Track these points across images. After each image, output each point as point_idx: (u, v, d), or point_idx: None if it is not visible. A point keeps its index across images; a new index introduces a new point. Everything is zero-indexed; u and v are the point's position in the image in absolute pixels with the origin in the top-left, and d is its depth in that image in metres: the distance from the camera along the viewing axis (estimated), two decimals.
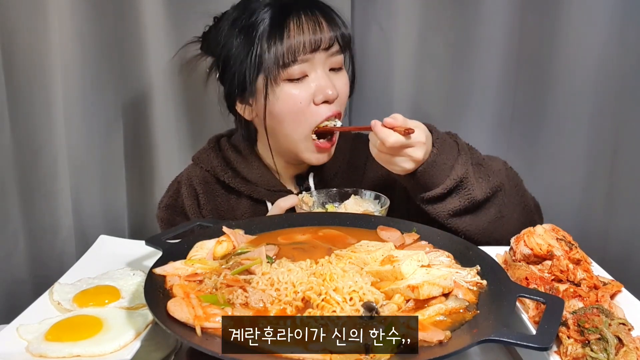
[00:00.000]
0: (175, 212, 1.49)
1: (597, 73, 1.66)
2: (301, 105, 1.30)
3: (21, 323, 0.90)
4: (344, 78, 1.36)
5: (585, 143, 1.73)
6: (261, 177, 1.43)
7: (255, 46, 1.27)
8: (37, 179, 1.71)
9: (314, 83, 1.30)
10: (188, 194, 1.46)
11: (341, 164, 1.46)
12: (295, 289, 0.86)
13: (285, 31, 1.26)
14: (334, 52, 1.31)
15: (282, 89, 1.29)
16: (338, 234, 1.12)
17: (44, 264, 1.76)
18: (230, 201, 1.45)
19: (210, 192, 1.46)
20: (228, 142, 1.48)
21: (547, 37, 1.68)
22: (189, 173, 1.49)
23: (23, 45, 1.61)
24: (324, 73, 1.31)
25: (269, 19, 1.28)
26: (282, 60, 1.26)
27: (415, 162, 1.20)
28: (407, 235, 1.10)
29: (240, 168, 1.43)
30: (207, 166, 1.45)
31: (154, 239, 1.04)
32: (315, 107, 1.31)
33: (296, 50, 1.26)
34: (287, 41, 1.26)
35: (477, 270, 0.96)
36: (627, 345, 0.81)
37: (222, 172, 1.44)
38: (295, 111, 1.30)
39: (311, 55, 1.28)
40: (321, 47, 1.28)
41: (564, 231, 1.10)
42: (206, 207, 1.45)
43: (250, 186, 1.43)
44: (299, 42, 1.26)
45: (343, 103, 1.36)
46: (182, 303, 0.82)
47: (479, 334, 0.78)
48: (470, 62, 1.73)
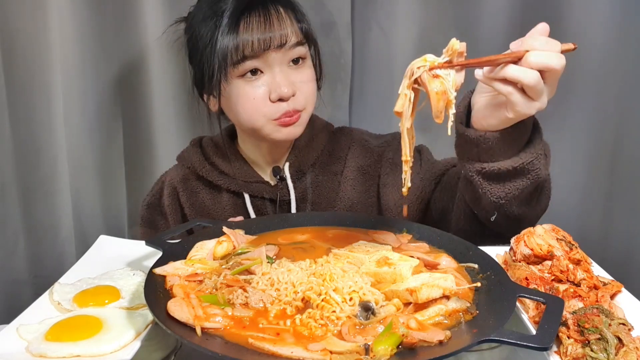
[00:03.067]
0: (156, 212, 1.50)
1: (597, 73, 1.66)
2: (255, 102, 1.29)
3: (21, 323, 0.90)
4: (304, 75, 1.33)
5: (585, 143, 1.73)
6: (238, 169, 1.43)
7: (211, 42, 1.26)
8: (37, 179, 1.71)
9: (268, 81, 1.28)
10: (168, 194, 1.47)
11: (320, 155, 1.45)
12: (295, 289, 0.86)
13: (235, 29, 1.24)
14: (290, 46, 1.28)
15: (235, 85, 1.29)
16: (346, 233, 1.12)
17: (44, 264, 1.76)
18: (210, 196, 1.46)
19: (190, 189, 1.47)
20: (210, 140, 1.49)
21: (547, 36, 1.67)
22: (172, 173, 1.51)
23: (23, 45, 1.61)
24: (281, 70, 1.28)
25: (226, 13, 1.25)
26: (231, 58, 1.25)
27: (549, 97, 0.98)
28: (399, 236, 1.10)
29: (218, 162, 1.44)
30: (187, 163, 1.47)
31: (154, 239, 1.04)
32: (271, 104, 1.29)
33: (244, 48, 1.24)
34: (236, 39, 1.24)
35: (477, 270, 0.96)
36: (627, 345, 0.81)
37: (201, 166, 1.44)
38: (249, 107, 1.30)
39: (263, 53, 1.25)
40: (272, 46, 1.25)
41: (564, 231, 1.10)
42: (187, 204, 1.46)
43: (228, 179, 1.43)
44: (247, 41, 1.24)
45: (306, 98, 1.33)
46: (182, 303, 0.82)
47: (478, 334, 0.78)
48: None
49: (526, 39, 0.95)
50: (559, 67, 0.93)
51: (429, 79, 0.89)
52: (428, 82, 0.89)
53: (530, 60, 0.92)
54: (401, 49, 1.70)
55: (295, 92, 1.29)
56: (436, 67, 0.90)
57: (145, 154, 1.77)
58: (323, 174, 1.44)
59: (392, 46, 1.70)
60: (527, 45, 0.93)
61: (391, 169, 1.44)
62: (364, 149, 1.48)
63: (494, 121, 1.03)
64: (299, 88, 1.30)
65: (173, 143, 1.76)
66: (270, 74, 1.28)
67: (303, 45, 1.32)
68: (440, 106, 0.89)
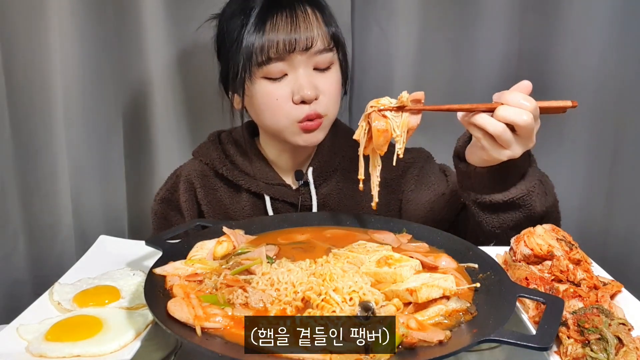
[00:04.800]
0: (170, 207, 1.47)
1: (597, 73, 1.66)
2: (278, 102, 1.28)
3: (21, 323, 0.90)
4: (329, 79, 1.32)
5: (585, 143, 1.73)
6: (260, 170, 1.42)
7: (237, 40, 1.26)
8: (37, 179, 1.71)
9: (292, 82, 1.27)
10: (185, 189, 1.44)
11: (341, 160, 1.44)
12: (295, 289, 0.86)
13: (262, 29, 1.24)
14: (316, 51, 1.27)
15: (260, 85, 1.28)
16: (346, 233, 1.12)
17: (44, 264, 1.76)
18: (229, 195, 1.44)
19: (208, 186, 1.44)
20: (229, 136, 1.47)
21: (547, 37, 1.68)
22: (188, 168, 1.47)
23: (23, 45, 1.60)
24: (305, 73, 1.27)
25: (254, 12, 1.25)
26: (256, 59, 1.24)
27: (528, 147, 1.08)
28: (399, 236, 1.10)
29: (239, 161, 1.42)
30: (206, 159, 1.44)
31: (154, 239, 1.04)
32: (294, 106, 1.28)
33: (269, 49, 1.23)
34: (261, 40, 1.23)
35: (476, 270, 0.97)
36: (627, 345, 0.81)
37: (221, 164, 1.42)
38: (272, 108, 1.29)
39: (288, 55, 1.25)
40: (297, 49, 1.25)
41: (564, 231, 1.10)
42: (204, 200, 1.44)
43: (249, 179, 1.41)
44: (272, 42, 1.23)
45: (327, 102, 1.31)
46: (182, 303, 0.82)
47: (478, 334, 0.78)
48: (470, 62, 1.73)
49: (505, 93, 1.04)
50: (522, 124, 1.02)
51: (376, 117, 1.05)
52: (374, 120, 1.05)
53: (497, 113, 1.03)
54: (401, 49, 1.70)
55: (318, 95, 1.28)
56: (384, 109, 1.05)
57: (145, 154, 1.77)
58: (345, 181, 1.42)
59: (392, 46, 1.70)
60: (503, 98, 1.04)
61: (416, 186, 1.44)
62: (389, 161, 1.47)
63: (476, 159, 1.13)
64: (322, 92, 1.29)
65: (173, 143, 1.76)
66: (294, 76, 1.27)
67: (330, 51, 1.31)
68: (380, 141, 1.06)
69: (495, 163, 1.10)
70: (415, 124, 1.06)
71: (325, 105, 1.31)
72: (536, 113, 1.05)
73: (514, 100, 1.03)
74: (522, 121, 1.02)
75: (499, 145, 1.06)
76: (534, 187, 1.15)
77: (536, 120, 1.06)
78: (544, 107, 1.06)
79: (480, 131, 1.06)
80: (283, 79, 1.28)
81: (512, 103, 1.03)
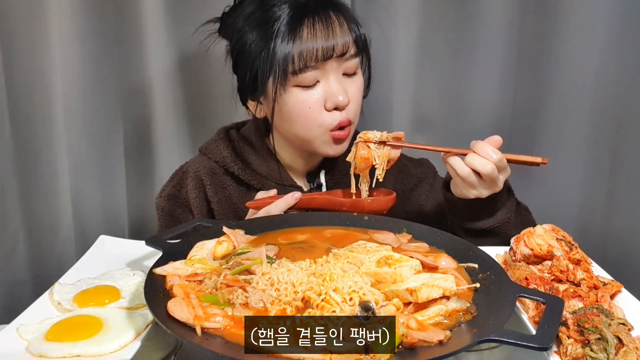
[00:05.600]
0: (177, 204, 1.44)
1: (597, 73, 1.66)
2: (311, 111, 1.27)
3: (21, 323, 0.90)
4: (357, 82, 1.32)
5: (585, 143, 1.73)
6: (272, 171, 1.40)
7: (268, 48, 1.23)
8: (37, 179, 1.71)
9: (324, 89, 1.26)
10: (194, 186, 1.42)
11: None
12: (295, 289, 0.86)
13: (297, 37, 1.22)
14: (347, 57, 1.27)
15: (292, 94, 1.26)
16: (346, 233, 1.12)
17: (44, 264, 1.76)
18: (239, 193, 1.42)
19: (218, 184, 1.42)
20: (238, 134, 1.45)
21: (547, 37, 1.68)
22: (195, 164, 1.44)
23: (23, 45, 1.61)
24: (336, 79, 1.27)
25: (283, 21, 1.23)
26: (293, 67, 1.23)
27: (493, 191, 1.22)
28: (399, 236, 1.11)
29: (250, 160, 1.41)
30: (215, 157, 1.42)
31: (154, 239, 1.04)
32: (327, 113, 1.28)
33: (308, 58, 1.22)
34: (299, 48, 1.22)
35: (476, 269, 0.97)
36: (627, 345, 0.82)
37: (232, 163, 1.40)
38: (305, 116, 1.28)
39: (323, 63, 1.24)
40: (334, 55, 1.24)
41: (564, 231, 1.11)
42: (214, 198, 1.41)
43: (261, 179, 1.40)
44: (311, 50, 1.22)
45: (356, 108, 1.32)
46: (182, 303, 0.82)
47: (478, 334, 0.78)
48: (471, 62, 1.73)
49: (477, 143, 1.20)
50: (485, 172, 1.17)
51: (362, 145, 1.24)
52: (360, 148, 1.25)
53: (466, 159, 1.20)
54: (401, 49, 1.70)
55: (349, 100, 1.28)
56: (368, 141, 1.24)
57: (145, 154, 1.77)
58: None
59: (392, 46, 1.70)
60: (474, 147, 1.20)
61: (426, 201, 1.48)
62: (401, 173, 1.48)
63: (455, 191, 1.27)
64: (351, 97, 1.29)
65: (173, 143, 1.76)
66: (326, 82, 1.26)
67: (358, 56, 1.30)
68: (361, 165, 1.25)
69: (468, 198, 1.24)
70: (395, 157, 1.25)
71: (353, 111, 1.31)
72: (501, 164, 1.18)
73: (482, 151, 1.18)
74: (485, 170, 1.17)
75: (466, 185, 1.21)
76: (509, 218, 1.29)
77: (503, 171, 1.20)
78: (513, 160, 1.21)
79: (453, 170, 1.21)
80: (315, 86, 1.26)
81: (481, 153, 1.18)
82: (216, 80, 1.67)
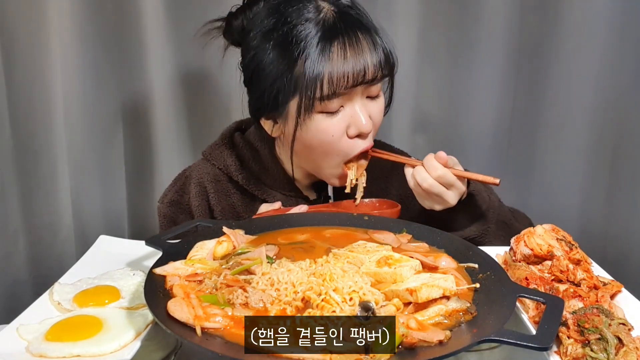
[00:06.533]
0: (179, 210, 1.40)
1: (597, 73, 1.66)
2: (333, 139, 1.20)
3: (21, 323, 0.90)
4: (380, 105, 1.25)
5: (585, 143, 1.74)
6: (277, 182, 1.37)
7: (291, 71, 1.15)
8: (37, 179, 1.71)
9: (349, 116, 1.20)
10: (196, 193, 1.37)
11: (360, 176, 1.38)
12: (295, 289, 0.86)
13: (327, 61, 1.13)
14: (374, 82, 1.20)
15: (316, 120, 1.19)
16: (346, 233, 1.12)
17: (44, 264, 1.76)
18: (243, 202, 1.38)
19: (221, 191, 1.38)
20: (242, 140, 1.39)
21: (547, 37, 1.68)
22: (199, 170, 1.40)
23: (23, 45, 1.61)
24: (361, 104, 1.20)
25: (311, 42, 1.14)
26: (321, 94, 1.14)
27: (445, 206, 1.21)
28: (399, 236, 1.11)
29: (255, 169, 1.36)
30: (219, 164, 1.37)
31: (154, 239, 1.04)
32: (348, 141, 1.22)
33: (337, 85, 1.14)
34: (329, 74, 1.13)
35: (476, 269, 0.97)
36: (627, 345, 0.81)
37: (237, 172, 1.35)
38: (327, 143, 1.21)
39: (353, 89, 1.17)
40: (364, 82, 1.17)
41: (564, 231, 1.10)
42: (217, 206, 1.37)
43: (265, 190, 1.36)
44: (341, 76, 1.14)
45: (376, 132, 1.27)
46: (182, 303, 0.82)
47: (478, 334, 0.78)
48: (471, 62, 1.74)
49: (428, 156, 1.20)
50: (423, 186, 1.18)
51: None
52: None
53: (413, 171, 1.22)
54: (401, 49, 1.70)
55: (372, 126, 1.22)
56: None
57: (145, 154, 1.78)
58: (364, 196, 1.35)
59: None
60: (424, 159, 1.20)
61: None
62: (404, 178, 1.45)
63: None
64: (374, 122, 1.24)
65: (173, 143, 1.76)
66: (351, 107, 1.20)
67: (385, 78, 1.23)
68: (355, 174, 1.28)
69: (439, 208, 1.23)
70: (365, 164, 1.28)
71: (373, 135, 1.26)
72: (443, 180, 1.17)
73: (427, 164, 1.19)
74: (423, 184, 1.18)
75: (418, 196, 1.23)
76: (487, 230, 1.26)
77: (451, 187, 1.18)
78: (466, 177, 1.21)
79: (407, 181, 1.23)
80: (339, 112, 1.20)
81: (425, 166, 1.19)
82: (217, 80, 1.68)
